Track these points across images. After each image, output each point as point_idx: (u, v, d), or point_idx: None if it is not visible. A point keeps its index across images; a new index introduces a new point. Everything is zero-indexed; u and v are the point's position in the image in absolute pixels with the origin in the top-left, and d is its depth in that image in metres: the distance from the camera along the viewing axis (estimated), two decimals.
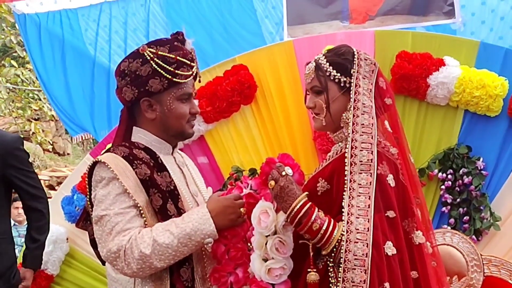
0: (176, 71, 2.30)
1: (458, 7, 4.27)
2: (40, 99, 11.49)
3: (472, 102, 3.60)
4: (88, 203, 2.34)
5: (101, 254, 2.23)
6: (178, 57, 2.31)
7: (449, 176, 3.63)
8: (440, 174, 3.66)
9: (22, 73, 11.25)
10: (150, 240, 2.12)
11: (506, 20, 4.33)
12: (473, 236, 3.56)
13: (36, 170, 10.83)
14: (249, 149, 3.90)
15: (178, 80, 2.31)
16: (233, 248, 2.28)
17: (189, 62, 2.35)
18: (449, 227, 3.60)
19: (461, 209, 3.62)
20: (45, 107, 11.47)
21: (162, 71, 2.28)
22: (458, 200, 3.62)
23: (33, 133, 12.02)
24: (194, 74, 2.39)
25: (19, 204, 7.45)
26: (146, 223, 2.20)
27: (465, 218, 3.59)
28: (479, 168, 3.62)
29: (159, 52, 2.29)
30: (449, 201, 3.63)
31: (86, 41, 4.99)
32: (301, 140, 3.82)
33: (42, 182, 10.00)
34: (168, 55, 2.30)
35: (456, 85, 3.60)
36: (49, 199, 3.62)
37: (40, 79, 5.21)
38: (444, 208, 3.65)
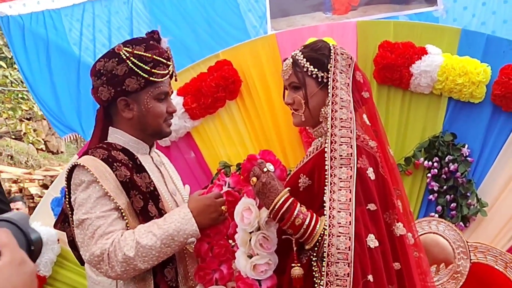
0: (153, 70, 2.30)
1: None
2: (30, 99, 11.48)
3: (456, 89, 3.61)
4: (67, 206, 2.35)
5: (84, 258, 2.24)
6: (154, 56, 2.31)
7: (435, 164, 3.65)
8: (426, 162, 3.67)
9: (11, 73, 11.25)
10: (133, 243, 2.13)
11: (488, 5, 4.34)
12: (461, 223, 3.58)
13: (29, 170, 10.83)
14: (236, 144, 3.91)
15: (155, 79, 2.31)
16: (216, 245, 2.30)
17: (165, 61, 2.35)
18: (436, 215, 3.61)
19: (448, 196, 3.63)
20: (35, 107, 11.46)
21: (138, 70, 2.28)
22: (444, 187, 3.64)
23: (25, 133, 12.02)
24: (170, 73, 2.39)
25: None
26: (128, 225, 2.21)
27: (452, 205, 3.61)
28: (464, 155, 3.63)
29: (135, 51, 2.30)
30: (435, 188, 3.65)
31: (71, 41, 4.99)
32: (287, 134, 3.82)
33: (36, 181, 9.97)
34: (144, 54, 2.30)
35: (439, 73, 3.60)
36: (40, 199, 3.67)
37: (26, 81, 5.22)
38: (431, 196, 3.67)
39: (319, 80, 2.30)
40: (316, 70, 2.30)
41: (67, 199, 2.34)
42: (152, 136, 2.45)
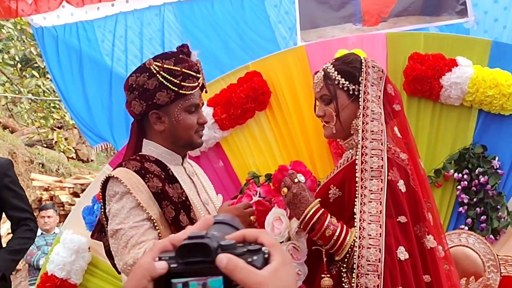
0: (182, 83, 2.35)
1: (470, 6, 4.26)
2: (61, 108, 11.64)
3: (486, 101, 3.59)
4: (103, 216, 2.41)
5: (118, 267, 2.29)
6: (183, 69, 2.36)
7: (465, 176, 3.62)
8: (456, 174, 3.65)
9: (43, 83, 11.43)
10: None
11: None
12: (491, 236, 3.54)
13: (60, 178, 10.96)
14: (265, 154, 3.92)
15: (185, 92, 2.36)
16: None
17: (194, 74, 2.40)
18: (466, 227, 3.58)
19: (478, 209, 3.60)
20: (67, 116, 11.61)
21: (168, 84, 2.33)
22: (474, 200, 3.61)
23: (56, 141, 12.18)
24: (200, 85, 2.44)
25: (46, 213, 7.62)
26: (160, 235, 2.26)
27: (482, 217, 3.58)
28: (494, 167, 3.60)
29: (165, 66, 2.35)
30: (465, 201, 3.62)
31: (103, 52, 5.05)
32: (316, 144, 3.83)
33: (66, 189, 10.08)
34: (174, 67, 2.35)
35: (469, 85, 3.58)
36: (72, 207, 3.79)
37: (59, 90, 5.29)
38: (461, 208, 3.64)
39: (350, 92, 2.32)
40: (347, 83, 2.32)
41: (102, 210, 2.40)
42: (184, 147, 2.50)
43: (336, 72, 2.34)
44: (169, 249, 0.92)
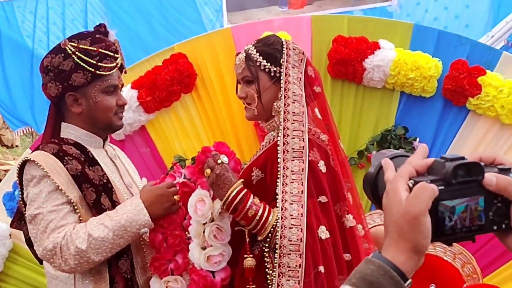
0: (99, 63, 2.31)
1: None
2: None
3: (407, 83, 3.67)
4: (21, 202, 2.35)
5: (38, 253, 2.25)
6: (100, 50, 2.32)
7: None
8: None
9: None
10: (85, 235, 2.15)
11: (440, 1, 4.44)
12: None
13: None
14: (191, 137, 3.90)
15: (102, 73, 2.32)
16: (171, 235, 2.33)
17: (112, 54, 2.36)
18: None
19: None
20: None
21: (84, 65, 2.29)
22: None
23: None
24: (118, 65, 2.40)
25: None
26: (80, 218, 2.23)
27: None
28: (415, 148, 3.66)
29: (81, 46, 2.31)
30: None
31: (24, 33, 4.94)
32: (242, 127, 3.83)
33: None
34: (90, 48, 2.31)
35: (391, 68, 3.65)
36: None
37: None
38: None
39: (272, 74, 2.33)
40: (269, 64, 2.33)
41: (20, 196, 2.34)
42: (103, 129, 2.45)
43: (257, 54, 2.34)
44: (414, 175, 0.98)
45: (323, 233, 2.13)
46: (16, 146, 14.96)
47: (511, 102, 3.54)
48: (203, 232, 2.20)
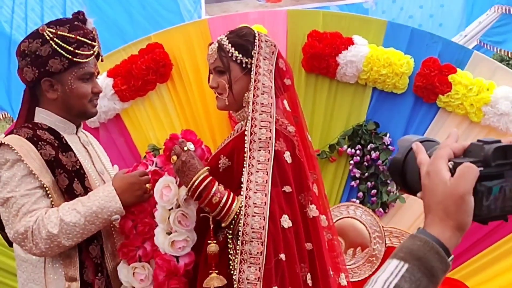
0: (76, 50, 2.33)
1: None
2: None
3: (380, 80, 3.73)
4: None
5: (9, 236, 2.27)
6: (78, 37, 2.35)
7: (358, 152, 3.76)
8: (349, 149, 3.78)
9: None
10: (57, 220, 2.18)
11: None
12: (380, 209, 3.71)
13: None
14: (166, 127, 3.92)
15: (79, 60, 2.34)
16: (141, 223, 2.36)
17: (90, 42, 2.38)
18: (358, 201, 3.74)
19: (369, 183, 3.75)
20: None
21: (62, 51, 2.31)
22: (366, 174, 3.76)
23: None
24: (95, 53, 2.43)
25: None
26: (53, 203, 2.26)
27: (373, 191, 3.74)
28: (386, 144, 3.76)
29: (59, 32, 2.33)
30: (357, 175, 3.77)
31: (1, 19, 4.93)
32: (216, 118, 3.87)
33: None
34: (68, 34, 2.33)
35: (364, 64, 3.71)
36: None
37: None
38: (353, 182, 3.79)
39: (243, 65, 2.37)
40: (240, 55, 2.37)
41: None
42: (77, 116, 2.48)
43: (230, 45, 2.38)
44: (452, 157, 1.05)
45: (285, 222, 2.18)
46: None
47: (480, 100, 3.63)
48: (168, 217, 2.24)
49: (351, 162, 3.78)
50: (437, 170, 1.04)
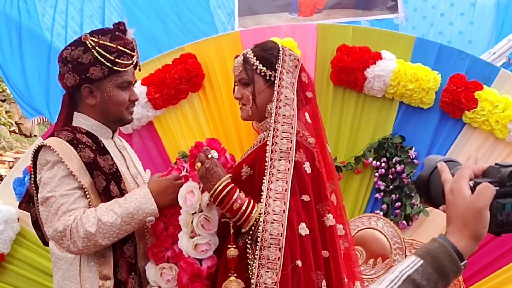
0: (117, 59, 2.44)
1: (401, 3, 4.49)
2: (3, 81, 11.47)
3: (406, 94, 3.78)
4: (32, 185, 2.47)
5: (47, 234, 2.37)
6: (119, 47, 2.45)
7: (383, 164, 3.80)
8: (374, 162, 3.83)
9: None
10: (94, 220, 2.27)
11: (446, 16, 4.55)
12: (404, 221, 3.75)
13: (1, 152, 10.78)
14: (196, 135, 4.01)
15: (118, 69, 2.45)
16: (172, 225, 2.45)
17: (129, 52, 2.49)
18: (381, 213, 3.78)
19: (393, 196, 3.79)
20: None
21: (103, 60, 2.42)
22: (390, 187, 3.80)
23: None
24: (134, 63, 2.53)
25: None
26: (90, 203, 2.35)
27: (397, 204, 3.78)
28: (411, 157, 3.80)
29: (101, 41, 2.43)
30: (382, 187, 3.81)
31: (43, 26, 5.09)
32: (245, 128, 3.93)
33: (6, 163, 9.95)
34: (109, 44, 2.44)
35: (392, 78, 3.76)
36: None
37: None
38: (377, 195, 3.83)
39: (267, 78, 2.47)
40: (264, 68, 2.47)
41: (32, 179, 2.47)
42: (114, 122, 2.59)
43: (255, 58, 2.48)
44: (473, 177, 1.23)
45: (303, 229, 2.26)
46: (35, 135, 15.18)
47: (506, 117, 3.65)
48: (192, 221, 2.34)
49: (376, 174, 3.82)
50: (459, 187, 1.21)
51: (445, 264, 1.19)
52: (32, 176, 2.46)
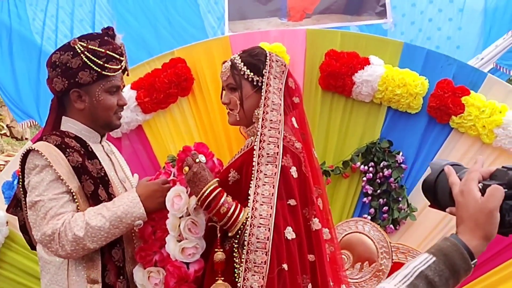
0: (105, 64, 2.46)
1: (389, 8, 4.52)
2: None
3: (394, 99, 3.80)
4: (20, 189, 2.48)
5: (36, 238, 2.38)
6: (107, 51, 2.47)
7: (371, 169, 3.82)
8: (362, 166, 3.85)
9: None
10: (83, 223, 2.29)
11: (434, 21, 4.59)
12: (391, 225, 3.77)
13: None
14: (185, 139, 4.01)
15: (107, 73, 2.47)
16: (160, 229, 2.47)
17: (118, 56, 2.51)
18: (369, 217, 3.80)
19: (381, 200, 3.81)
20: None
21: (91, 64, 2.43)
22: (378, 191, 3.82)
23: None
24: (122, 68, 2.55)
25: None
26: (78, 208, 2.37)
27: (384, 208, 3.80)
28: (398, 162, 3.82)
29: (90, 46, 2.45)
30: (370, 192, 3.83)
31: (33, 30, 5.11)
32: (234, 132, 3.92)
33: None
34: (98, 49, 2.46)
35: (379, 83, 3.78)
36: None
37: None
38: (365, 199, 3.85)
39: (254, 83, 2.49)
40: (252, 74, 2.49)
41: (20, 183, 2.48)
42: (102, 127, 2.60)
43: (242, 64, 2.50)
44: (481, 179, 1.28)
45: (289, 233, 2.28)
46: (26, 138, 15.14)
47: (492, 122, 3.67)
48: (179, 225, 2.36)
49: (364, 178, 3.85)
50: (469, 189, 1.27)
51: (456, 262, 1.24)
52: (20, 180, 2.47)
